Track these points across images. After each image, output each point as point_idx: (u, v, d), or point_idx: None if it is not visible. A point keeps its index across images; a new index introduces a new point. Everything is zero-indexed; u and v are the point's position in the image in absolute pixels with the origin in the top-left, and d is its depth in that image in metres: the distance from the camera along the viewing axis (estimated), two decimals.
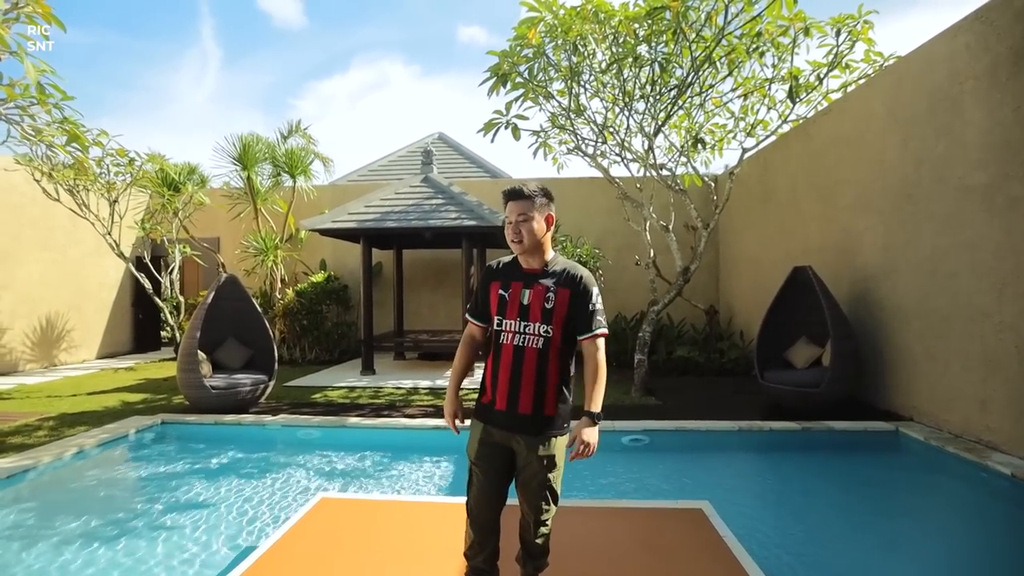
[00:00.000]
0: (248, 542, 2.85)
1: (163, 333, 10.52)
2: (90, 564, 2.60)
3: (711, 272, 9.57)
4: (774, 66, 5.89)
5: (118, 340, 9.92)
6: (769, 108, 6.28)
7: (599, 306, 1.88)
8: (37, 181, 6.60)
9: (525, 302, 1.85)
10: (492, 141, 6.26)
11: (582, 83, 6.04)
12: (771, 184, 7.57)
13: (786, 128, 6.96)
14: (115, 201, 7.03)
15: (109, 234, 6.92)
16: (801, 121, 6.58)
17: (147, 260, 8.07)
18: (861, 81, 5.97)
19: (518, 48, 5.46)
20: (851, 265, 5.61)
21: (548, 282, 1.86)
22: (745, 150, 6.36)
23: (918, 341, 4.64)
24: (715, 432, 4.50)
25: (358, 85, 50.55)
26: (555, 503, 1.90)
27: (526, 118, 5.73)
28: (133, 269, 7.40)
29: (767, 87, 6.07)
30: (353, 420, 4.83)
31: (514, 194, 1.88)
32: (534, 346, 1.82)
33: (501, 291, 1.90)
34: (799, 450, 4.39)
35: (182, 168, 8.65)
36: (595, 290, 1.88)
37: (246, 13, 42.47)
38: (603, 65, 6.00)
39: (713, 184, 6.78)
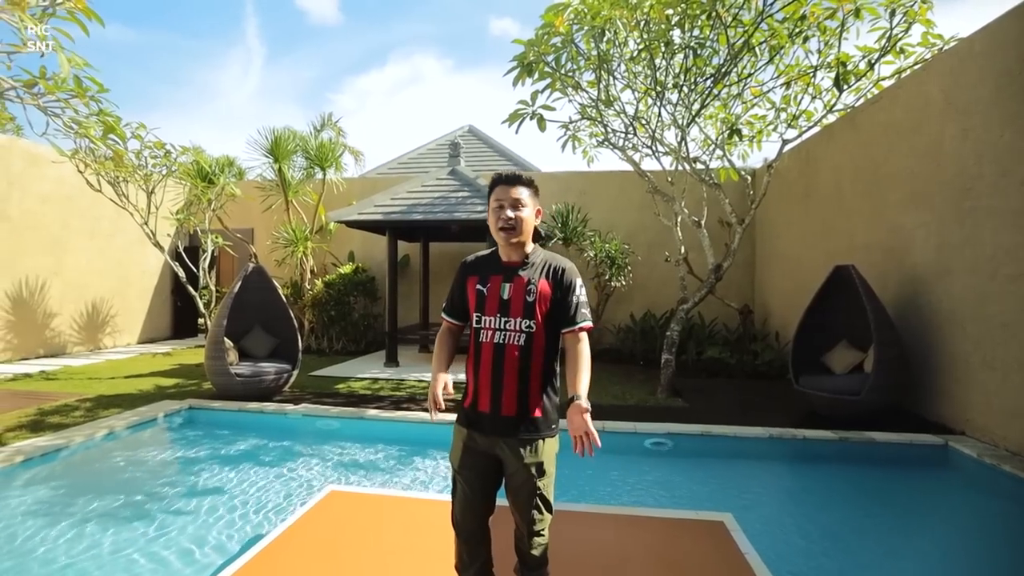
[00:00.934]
0: (257, 531, 2.86)
1: (200, 320, 10.88)
2: (104, 545, 2.66)
3: (746, 270, 9.17)
4: (820, 52, 5.52)
5: (158, 326, 10.34)
6: (813, 97, 5.90)
7: (583, 298, 1.76)
8: (81, 172, 6.88)
9: (505, 296, 1.75)
10: (517, 132, 6.13)
11: (612, 72, 5.83)
12: (813, 178, 7.15)
13: (831, 118, 6.56)
14: (152, 192, 7.26)
15: (146, 224, 7.16)
16: (848, 110, 6.17)
17: (181, 250, 8.33)
18: (917, 67, 5.54)
19: (545, 36, 5.30)
20: (899, 265, 5.23)
21: (529, 274, 1.76)
22: (786, 142, 6.01)
23: (974, 348, 4.27)
24: (743, 438, 4.26)
25: (394, 80, 51.14)
26: (548, 511, 1.78)
27: (552, 108, 5.56)
28: (169, 259, 7.65)
29: (812, 75, 5.70)
30: (372, 412, 4.83)
31: (511, 178, 1.78)
32: (516, 343, 1.72)
33: (479, 286, 1.79)
34: (834, 462, 4.11)
35: (219, 160, 8.89)
36: (578, 281, 1.78)
37: (287, 11, 43.53)
38: (634, 53, 5.77)
39: (750, 178, 6.46)
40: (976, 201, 4.23)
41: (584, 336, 1.74)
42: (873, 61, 5.45)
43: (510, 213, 1.74)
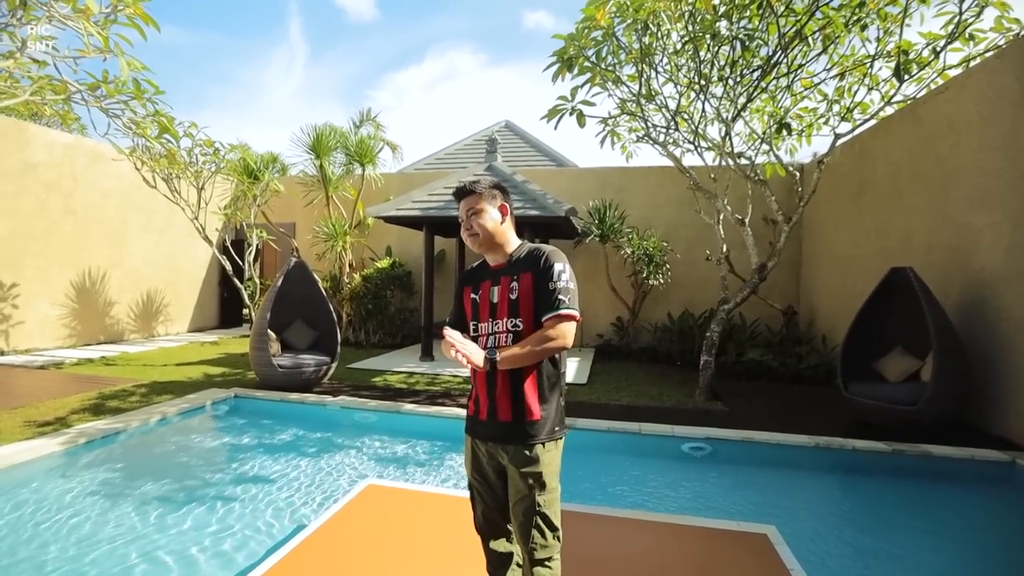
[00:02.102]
0: (297, 519, 2.95)
1: (244, 311, 11.32)
2: (158, 526, 2.79)
3: (791, 270, 8.81)
4: (879, 40, 5.20)
5: (206, 316, 10.82)
6: (870, 88, 5.57)
7: (563, 283, 1.63)
8: (138, 170, 7.24)
9: (495, 300, 1.74)
10: (556, 128, 6.08)
11: (654, 66, 5.67)
12: (867, 174, 6.78)
13: (889, 111, 6.19)
14: (202, 188, 7.57)
15: (196, 218, 7.48)
16: (909, 102, 5.80)
17: (228, 244, 8.67)
18: (989, 54, 5.15)
19: (585, 31, 5.20)
20: (964, 268, 4.89)
21: (511, 272, 1.74)
22: (838, 136, 5.70)
23: None
24: (787, 446, 4.09)
25: (431, 75, 51.64)
26: (553, 532, 1.63)
27: (593, 104, 5.46)
28: (216, 252, 7.98)
29: (868, 65, 5.38)
30: (408, 407, 4.90)
31: (459, 192, 1.79)
32: (504, 344, 1.68)
33: (473, 295, 1.80)
34: (887, 476, 3.89)
35: (265, 157, 9.19)
36: (559, 265, 1.65)
37: (327, 9, 44.51)
38: (677, 46, 5.60)
39: (798, 174, 6.17)
40: None
41: (560, 325, 1.59)
42: (939, 49, 5.08)
43: (471, 223, 1.75)
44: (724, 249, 6.39)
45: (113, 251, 8.77)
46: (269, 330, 5.59)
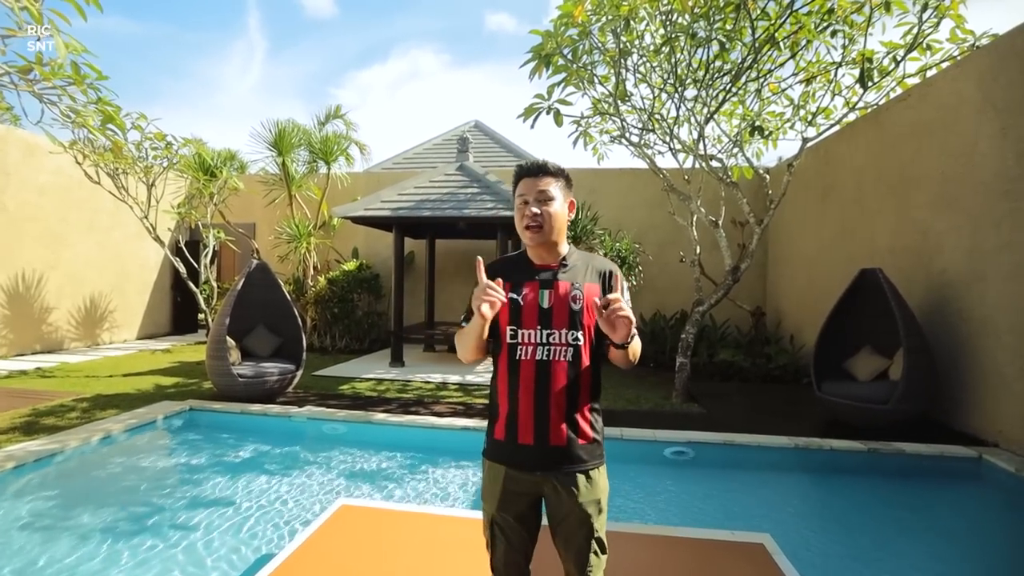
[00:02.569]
0: (267, 546, 2.69)
1: (200, 316, 10.69)
2: (101, 561, 2.48)
3: (759, 271, 9.00)
4: (844, 47, 5.33)
5: (157, 322, 10.14)
6: (834, 95, 5.71)
7: (630, 303, 1.51)
8: (79, 164, 6.68)
9: (545, 305, 1.51)
10: (532, 127, 5.95)
11: (629, 67, 5.63)
12: (832, 178, 6.97)
13: (852, 117, 6.38)
14: (152, 185, 7.06)
15: (146, 217, 6.96)
16: (871, 109, 5.98)
17: (182, 245, 8.14)
18: (944, 64, 5.36)
19: (562, 28, 5.10)
20: (927, 270, 5.05)
21: (571, 278, 1.53)
22: (806, 140, 5.82)
23: (1010, 358, 4.10)
24: (768, 448, 4.09)
25: (396, 74, 50.86)
26: (604, 552, 1.54)
27: (570, 103, 5.37)
28: (169, 253, 7.46)
29: (833, 71, 5.51)
30: (379, 416, 4.65)
31: (535, 169, 1.54)
32: (563, 359, 1.49)
33: (512, 294, 1.53)
34: (864, 474, 3.95)
35: (221, 154, 8.69)
36: (625, 284, 1.58)
37: (286, 4, 43.15)
38: (652, 46, 5.58)
39: (767, 177, 6.26)
40: (1016, 203, 4.05)
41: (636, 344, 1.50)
42: (899, 58, 5.26)
43: (535, 209, 1.51)
44: (697, 251, 6.42)
45: (50, 252, 8.07)
46: (228, 337, 5.22)
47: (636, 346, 1.47)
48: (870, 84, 5.31)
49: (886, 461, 3.95)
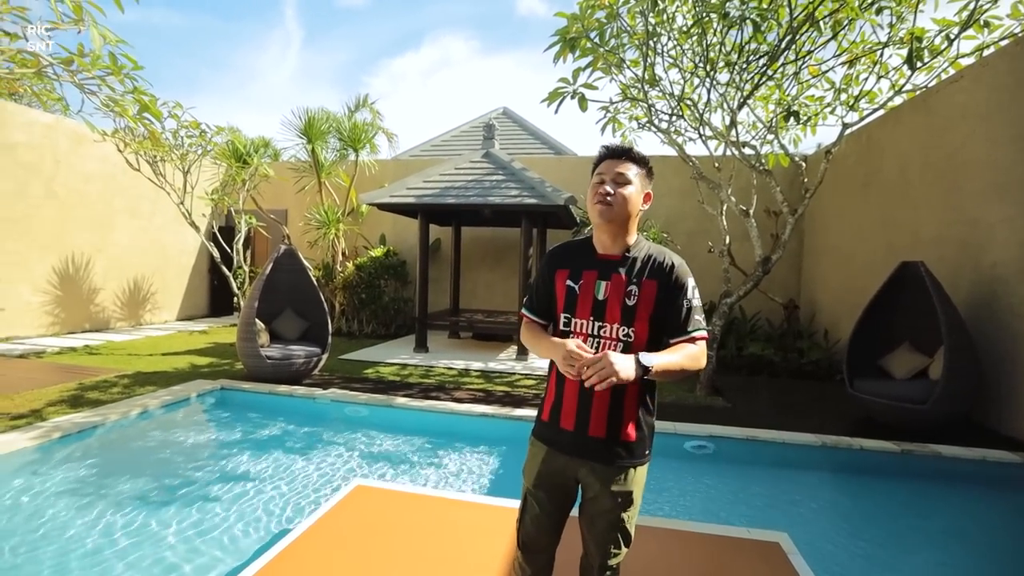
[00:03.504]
0: (282, 522, 2.79)
1: (234, 299, 11.08)
2: (133, 529, 2.62)
3: (792, 263, 8.67)
4: (891, 26, 5.01)
5: (195, 303, 10.58)
6: (879, 77, 5.39)
7: (696, 302, 1.48)
8: (120, 152, 6.96)
9: (601, 297, 1.48)
10: (556, 112, 5.86)
11: (659, 49, 5.46)
12: (874, 165, 6.62)
13: (898, 100, 6.02)
14: (187, 172, 7.30)
15: (182, 203, 7.22)
16: (919, 92, 5.62)
17: (215, 230, 8.42)
18: (1003, 43, 4.97)
19: (589, 10, 4.98)
20: (976, 263, 4.76)
21: (630, 271, 1.48)
22: (847, 126, 5.53)
23: None
24: (793, 445, 3.97)
25: (428, 62, 50.91)
26: (627, 545, 1.55)
27: (595, 87, 5.25)
28: (204, 238, 7.73)
29: (879, 52, 5.19)
30: (400, 400, 4.73)
31: (618, 151, 1.50)
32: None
33: (570, 282, 1.52)
34: (896, 476, 3.77)
35: (255, 141, 8.90)
36: (691, 281, 1.50)
37: None
38: (683, 28, 5.38)
39: (804, 164, 5.99)
40: None
41: (702, 348, 1.46)
42: (952, 36, 4.90)
43: (609, 188, 1.47)
44: (727, 241, 6.23)
45: (97, 236, 8.49)
46: (257, 320, 5.39)
47: (672, 365, 1.38)
48: (919, 65, 4.98)
49: (920, 464, 3.77)
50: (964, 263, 4.88)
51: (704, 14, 4.91)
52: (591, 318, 1.49)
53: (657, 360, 1.35)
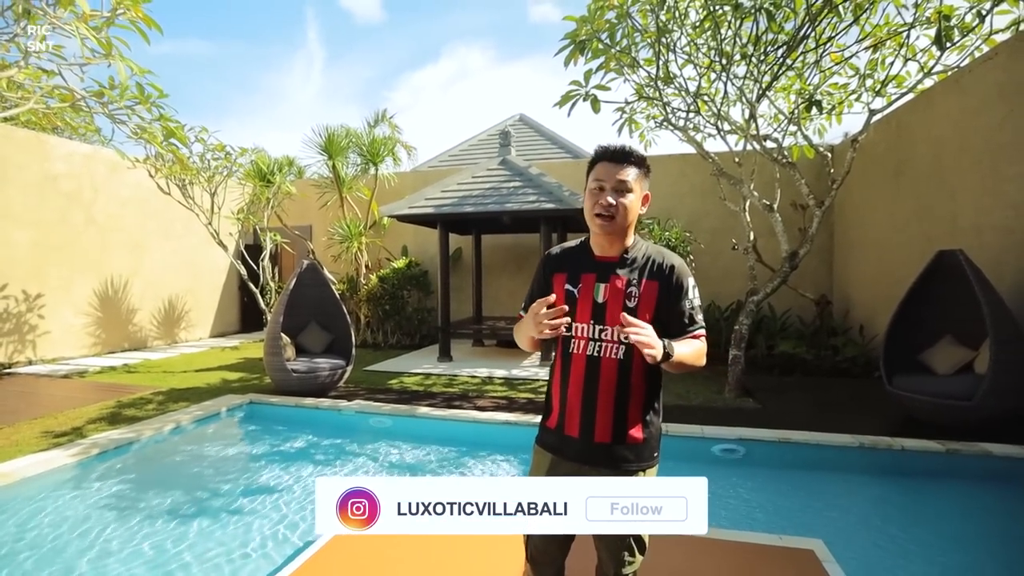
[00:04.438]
0: (306, 535, 2.81)
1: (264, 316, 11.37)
2: (165, 542, 2.69)
3: (823, 257, 8.37)
4: (916, 6, 4.80)
5: (228, 320, 10.90)
6: (907, 60, 5.16)
7: (696, 301, 1.47)
8: (152, 176, 7.26)
9: (600, 300, 1.46)
10: (569, 115, 5.83)
11: (671, 46, 5.37)
12: (906, 152, 6.34)
13: (928, 83, 5.75)
14: (214, 193, 7.55)
15: (210, 224, 7.47)
16: (951, 72, 5.37)
17: (242, 248, 8.67)
18: None
19: (598, 12, 4.94)
20: (1021, 250, 4.49)
21: (629, 273, 1.46)
22: (873, 112, 5.32)
23: None
24: (828, 447, 3.80)
25: (447, 73, 51.64)
26: (642, 553, 1.51)
27: (607, 88, 5.20)
28: (231, 257, 7.97)
29: (904, 34, 4.98)
30: (423, 410, 4.74)
31: (618, 154, 1.45)
32: (613, 356, 1.44)
33: (568, 286, 1.51)
34: (941, 478, 3.57)
35: (279, 160, 9.15)
36: (691, 281, 1.49)
37: (340, 13, 44.87)
38: (696, 23, 5.29)
39: (829, 155, 5.78)
40: None
41: (704, 341, 1.48)
42: (984, 12, 4.66)
43: (611, 199, 1.44)
44: (751, 237, 6.06)
45: (134, 259, 8.86)
46: (283, 334, 5.51)
47: (687, 357, 1.39)
48: (949, 45, 4.76)
49: (968, 464, 3.55)
50: (1007, 250, 4.61)
51: (716, 7, 4.82)
52: (591, 321, 1.47)
53: (679, 349, 1.36)
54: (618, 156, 1.46)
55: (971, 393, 3.96)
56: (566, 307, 1.41)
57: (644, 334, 1.28)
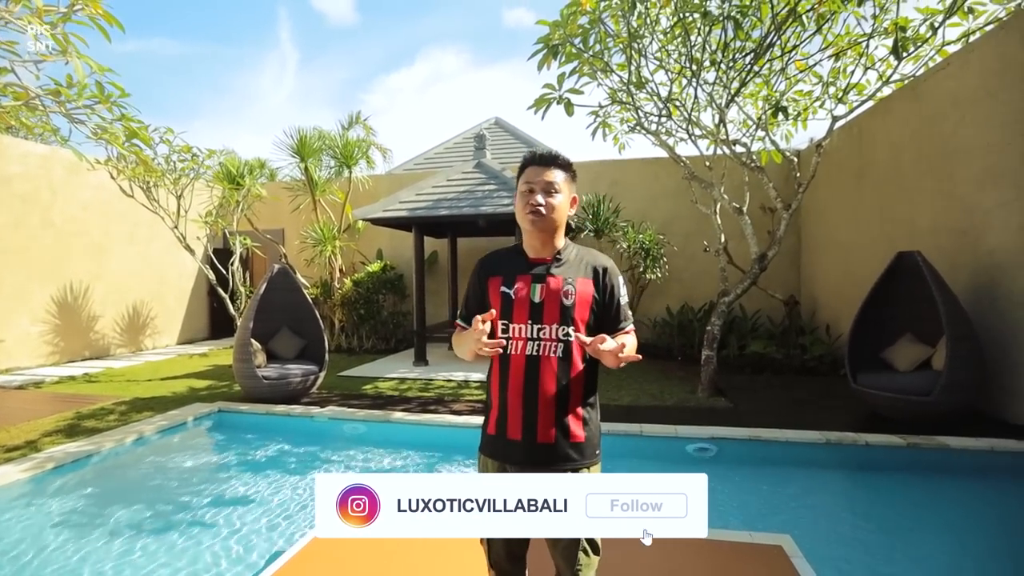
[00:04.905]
0: (281, 542, 2.74)
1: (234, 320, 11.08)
2: (126, 559, 2.58)
3: (791, 259, 8.61)
4: (875, 17, 5.00)
5: (196, 327, 10.58)
6: (866, 68, 5.37)
7: (625, 299, 1.57)
8: (114, 179, 7.01)
9: (537, 300, 1.50)
10: (543, 118, 5.87)
11: (643, 52, 5.46)
12: (867, 157, 6.58)
13: (887, 91, 5.99)
14: (180, 196, 7.34)
15: (176, 227, 7.25)
16: (907, 81, 5.60)
17: (211, 252, 8.44)
18: (989, 27, 4.95)
19: (571, 16, 4.99)
20: (974, 251, 4.70)
21: (564, 272, 1.52)
22: (836, 118, 5.50)
23: None
24: (797, 444, 3.89)
25: (423, 77, 51.35)
26: (596, 553, 1.52)
27: (581, 92, 5.26)
28: (199, 262, 7.75)
29: (864, 44, 5.18)
30: (398, 415, 4.68)
31: (545, 159, 1.53)
32: (552, 354, 1.47)
33: (504, 288, 1.54)
34: (903, 471, 3.69)
35: (251, 163, 8.95)
36: (621, 281, 1.58)
37: (313, 15, 44.23)
38: (667, 29, 5.39)
39: (796, 160, 5.96)
40: None
41: (634, 335, 1.56)
42: (937, 24, 4.89)
43: (540, 198, 1.50)
44: (722, 240, 6.19)
45: (95, 264, 8.52)
46: (253, 340, 5.37)
47: (634, 352, 1.46)
48: (905, 55, 4.96)
49: (928, 457, 3.69)
50: (961, 251, 4.82)
51: (685, 14, 4.92)
52: (529, 321, 1.50)
53: (630, 342, 1.45)
54: (545, 160, 1.53)
55: (929, 389, 4.12)
56: (502, 323, 1.49)
57: (608, 342, 1.36)
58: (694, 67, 5.34)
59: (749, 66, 5.17)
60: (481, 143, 8.09)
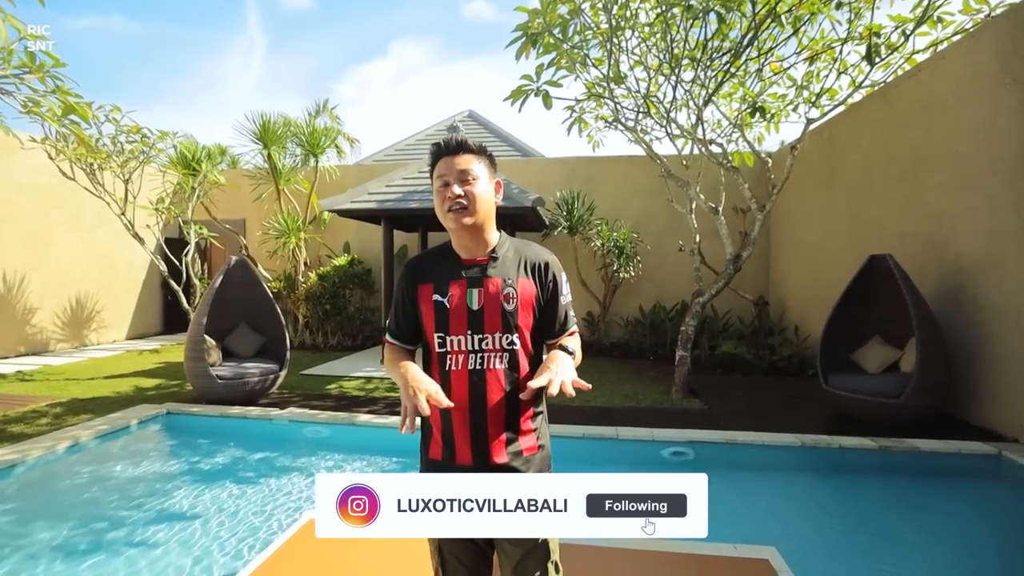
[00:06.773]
0: (234, 562, 2.48)
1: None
2: None
3: (761, 260, 8.73)
4: (850, 22, 5.03)
5: (148, 321, 9.96)
6: (840, 73, 5.41)
7: (569, 297, 1.42)
8: (52, 159, 6.44)
9: (475, 307, 1.32)
10: (520, 111, 5.69)
11: (623, 46, 5.35)
12: (838, 161, 6.68)
13: (858, 96, 6.08)
14: (128, 180, 6.82)
15: (123, 213, 6.73)
16: (878, 87, 5.68)
17: (162, 242, 7.90)
18: (956, 38, 5.05)
19: (550, 5, 4.82)
20: (941, 255, 4.79)
21: (502, 272, 1.34)
22: (810, 121, 5.54)
23: None
24: (773, 447, 3.86)
25: (396, 69, 50.33)
26: (557, 573, 1.38)
27: (559, 85, 5.10)
28: (149, 251, 7.23)
29: (838, 49, 5.22)
30: (363, 418, 4.44)
31: (453, 146, 1.33)
32: (498, 366, 1.31)
33: (437, 296, 1.34)
34: (876, 474, 3.71)
35: (211, 149, 8.42)
36: (564, 276, 1.43)
37: (283, 1, 42.62)
38: (646, 25, 5.30)
39: (770, 161, 5.98)
40: None
41: (578, 337, 1.43)
42: (908, 32, 4.95)
43: (457, 189, 1.31)
44: (697, 239, 6.16)
45: (33, 252, 7.86)
46: (208, 336, 5.00)
47: (579, 357, 1.40)
48: (878, 61, 5.01)
49: (899, 460, 3.71)
50: (929, 256, 4.91)
51: (666, 8, 4.82)
52: (468, 332, 1.31)
53: (576, 350, 1.37)
54: (455, 148, 1.35)
55: (898, 391, 4.17)
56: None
57: (562, 373, 1.23)
58: (673, 64, 5.26)
59: (726, 66, 5.13)
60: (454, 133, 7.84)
